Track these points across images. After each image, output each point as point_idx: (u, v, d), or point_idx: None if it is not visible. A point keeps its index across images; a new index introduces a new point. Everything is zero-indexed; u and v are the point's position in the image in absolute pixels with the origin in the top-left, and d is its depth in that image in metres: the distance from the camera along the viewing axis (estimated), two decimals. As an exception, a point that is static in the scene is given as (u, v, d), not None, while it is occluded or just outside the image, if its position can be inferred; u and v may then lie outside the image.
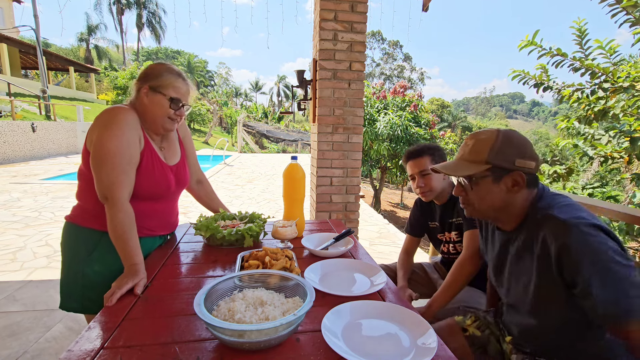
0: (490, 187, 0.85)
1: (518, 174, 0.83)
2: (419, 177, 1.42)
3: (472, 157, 0.87)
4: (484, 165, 0.84)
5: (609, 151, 2.82)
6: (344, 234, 1.34)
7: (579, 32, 2.63)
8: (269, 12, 5.66)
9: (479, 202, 0.88)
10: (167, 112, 1.15)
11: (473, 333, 1.08)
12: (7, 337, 1.90)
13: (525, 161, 0.83)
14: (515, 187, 0.84)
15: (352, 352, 0.68)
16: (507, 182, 0.84)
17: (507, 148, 0.84)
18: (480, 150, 0.85)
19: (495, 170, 0.84)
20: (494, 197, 0.86)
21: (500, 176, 0.84)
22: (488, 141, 0.85)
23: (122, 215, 1.02)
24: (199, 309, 0.68)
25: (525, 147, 0.85)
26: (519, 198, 0.86)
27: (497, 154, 0.83)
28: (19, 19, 18.68)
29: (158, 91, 1.13)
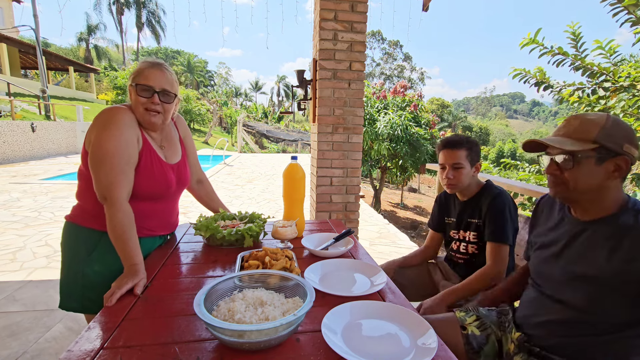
0: (592, 169, 0.82)
1: (623, 158, 0.81)
2: (450, 168, 1.41)
3: (579, 135, 0.83)
4: (591, 145, 0.81)
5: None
6: (344, 234, 1.33)
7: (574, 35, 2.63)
8: (269, 12, 5.66)
9: (574, 183, 0.84)
10: (140, 101, 1.10)
11: (472, 332, 1.08)
12: (7, 337, 1.89)
13: (631, 147, 0.81)
14: (616, 172, 0.82)
15: (352, 352, 0.68)
16: (609, 166, 0.82)
17: (617, 131, 0.81)
18: (589, 130, 0.82)
19: (602, 151, 0.81)
20: (592, 180, 0.82)
21: (604, 158, 0.81)
22: (599, 121, 0.82)
23: (121, 215, 1.02)
24: (199, 309, 0.68)
25: (633, 134, 0.82)
26: (613, 186, 0.83)
27: (608, 135, 0.81)
28: (19, 19, 18.71)
29: (135, 84, 1.11)
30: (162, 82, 1.13)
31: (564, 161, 0.85)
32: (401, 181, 9.16)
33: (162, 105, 1.13)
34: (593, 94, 2.71)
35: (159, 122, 1.15)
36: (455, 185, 1.42)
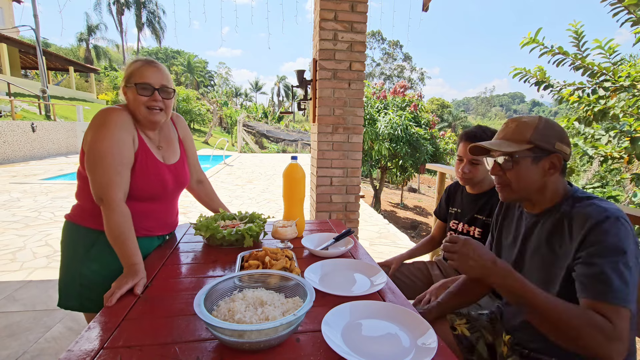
0: (529, 167, 0.88)
1: (556, 156, 0.87)
2: (467, 162, 1.40)
3: (515, 136, 0.89)
4: (526, 145, 0.87)
5: (609, 151, 2.81)
6: (344, 234, 1.33)
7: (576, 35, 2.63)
8: (269, 12, 5.66)
9: (516, 182, 0.90)
10: (141, 100, 1.10)
11: (462, 332, 1.09)
12: (7, 337, 1.89)
13: (563, 145, 0.87)
14: (552, 169, 0.88)
15: (352, 352, 0.68)
16: (545, 164, 0.87)
17: (549, 130, 0.87)
18: (524, 131, 0.88)
19: (537, 150, 0.87)
20: (531, 178, 0.88)
21: (540, 157, 0.87)
22: (532, 123, 0.88)
23: (118, 216, 1.02)
24: (199, 309, 0.68)
25: (564, 133, 0.89)
26: (553, 182, 0.89)
27: (540, 135, 0.86)
28: (19, 19, 18.70)
29: (129, 84, 1.11)
30: (160, 78, 1.13)
31: (504, 162, 0.91)
32: (401, 181, 9.16)
33: (163, 102, 1.14)
34: (593, 93, 2.71)
35: (162, 119, 1.16)
36: (469, 180, 1.42)
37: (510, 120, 0.94)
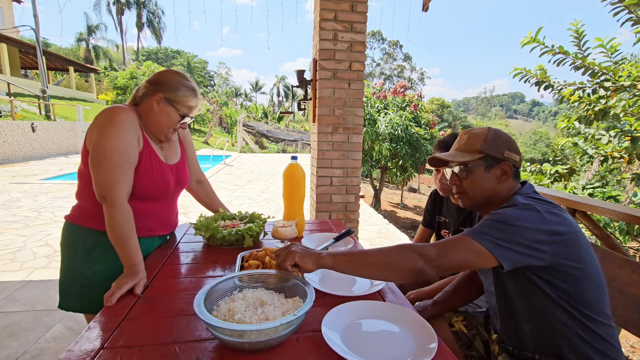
0: (483, 175, 0.94)
1: (506, 163, 0.93)
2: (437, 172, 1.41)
3: (467, 147, 0.96)
4: (478, 155, 0.94)
5: (609, 150, 2.81)
6: (344, 234, 1.33)
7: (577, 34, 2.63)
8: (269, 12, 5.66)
9: (472, 190, 0.96)
10: (174, 125, 1.17)
11: (459, 329, 1.10)
12: (7, 337, 1.90)
13: (511, 153, 0.94)
14: (504, 176, 0.94)
15: (352, 353, 0.68)
16: (496, 171, 0.94)
17: (497, 140, 0.94)
18: (475, 142, 0.95)
19: (488, 159, 0.93)
20: (485, 185, 0.94)
21: (491, 165, 0.94)
22: (481, 134, 0.95)
23: (121, 215, 1.02)
24: (199, 309, 0.68)
25: (512, 142, 0.96)
26: (505, 188, 0.95)
27: (490, 145, 0.93)
28: (19, 19, 18.69)
29: (172, 104, 1.14)
30: (197, 111, 1.22)
31: (460, 171, 0.97)
32: (401, 181, 9.16)
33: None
34: (593, 93, 2.71)
35: (173, 138, 1.25)
36: (448, 191, 1.41)
37: (463, 132, 1.01)
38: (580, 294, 0.83)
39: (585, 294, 0.83)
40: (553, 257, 0.80)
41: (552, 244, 0.80)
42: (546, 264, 0.81)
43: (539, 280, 0.83)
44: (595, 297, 0.85)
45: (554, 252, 0.80)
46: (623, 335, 3.02)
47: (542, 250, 0.79)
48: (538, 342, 0.89)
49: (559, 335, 0.85)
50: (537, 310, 0.87)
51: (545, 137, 41.61)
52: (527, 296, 0.87)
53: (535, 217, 0.81)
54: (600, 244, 1.67)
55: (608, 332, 0.85)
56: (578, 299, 0.83)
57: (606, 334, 0.84)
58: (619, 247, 1.68)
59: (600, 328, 0.84)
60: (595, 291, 0.85)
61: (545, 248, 0.79)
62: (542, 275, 0.83)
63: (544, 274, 0.83)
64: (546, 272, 0.82)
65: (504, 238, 0.79)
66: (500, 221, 0.81)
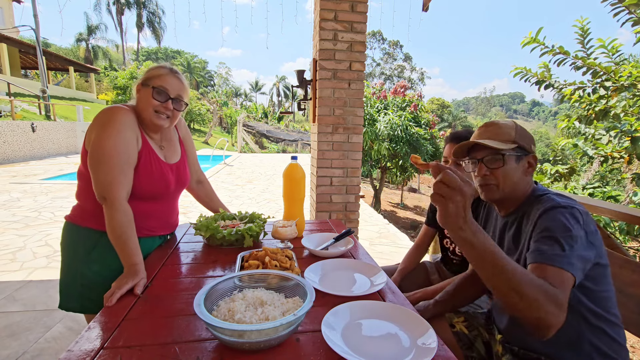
0: (514, 166, 0.92)
1: (533, 157, 0.93)
2: (453, 164, 1.37)
3: (501, 137, 0.92)
4: (512, 144, 0.91)
5: (609, 151, 2.81)
6: (344, 234, 1.33)
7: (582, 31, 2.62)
8: (269, 12, 5.66)
9: (503, 180, 0.92)
10: (152, 104, 1.12)
11: (460, 330, 1.10)
12: (7, 337, 1.89)
13: (534, 148, 0.94)
14: (530, 168, 0.93)
15: (352, 352, 0.68)
16: (524, 163, 0.93)
17: (525, 133, 0.94)
18: (508, 132, 0.93)
19: (519, 150, 0.92)
20: (515, 176, 0.92)
21: (521, 156, 0.92)
22: (512, 125, 0.94)
23: (120, 215, 1.02)
24: (199, 309, 0.68)
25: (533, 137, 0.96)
26: (527, 182, 0.94)
27: (521, 136, 0.93)
28: (19, 19, 18.69)
29: (145, 84, 1.13)
30: (179, 89, 1.17)
31: (492, 161, 0.92)
32: (401, 181, 9.15)
33: (172, 111, 1.17)
34: (594, 93, 2.71)
35: (165, 124, 1.18)
36: None
37: (490, 123, 0.97)
38: (599, 293, 0.82)
39: (603, 293, 0.83)
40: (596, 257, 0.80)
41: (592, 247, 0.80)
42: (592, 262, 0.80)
43: None
44: (611, 297, 0.85)
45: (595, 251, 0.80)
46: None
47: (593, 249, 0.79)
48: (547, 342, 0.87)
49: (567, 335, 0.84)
50: None
51: (545, 137, 41.60)
52: None
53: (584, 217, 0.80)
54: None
55: (617, 332, 0.85)
56: (596, 297, 0.82)
57: (615, 332, 0.84)
58: (619, 247, 1.68)
59: (610, 328, 0.84)
60: (610, 290, 0.85)
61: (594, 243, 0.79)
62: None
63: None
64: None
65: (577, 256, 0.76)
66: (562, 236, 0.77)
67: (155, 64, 1.19)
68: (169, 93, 1.14)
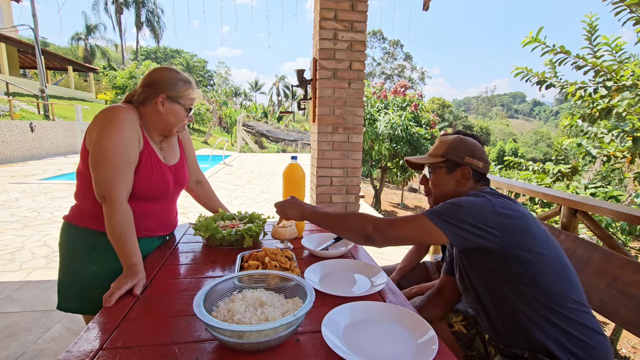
0: (445, 177, 1.06)
1: (466, 168, 1.03)
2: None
3: (434, 152, 1.09)
4: (441, 158, 1.06)
5: (612, 150, 2.81)
6: (344, 233, 1.33)
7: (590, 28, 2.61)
8: (269, 11, 5.65)
9: (435, 189, 1.08)
10: (183, 120, 1.19)
11: (459, 330, 1.11)
12: (6, 337, 1.89)
13: (473, 159, 1.03)
14: (463, 179, 1.04)
15: (352, 353, 0.68)
16: (457, 174, 1.05)
17: (460, 147, 1.05)
18: (440, 147, 1.08)
19: (449, 163, 1.05)
20: (446, 186, 1.06)
21: (452, 168, 1.05)
22: (447, 142, 1.07)
23: (120, 215, 1.01)
24: (199, 309, 0.68)
25: (475, 150, 1.05)
26: (466, 190, 1.03)
27: (452, 151, 1.05)
28: (18, 18, 18.57)
29: (176, 101, 1.15)
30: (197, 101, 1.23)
31: (427, 172, 1.11)
32: (401, 181, 9.16)
33: None
34: (595, 92, 2.70)
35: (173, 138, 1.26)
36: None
37: (437, 139, 1.14)
38: (536, 279, 0.85)
39: (541, 279, 0.85)
40: (504, 241, 0.85)
41: (501, 226, 0.85)
42: (497, 248, 0.85)
43: (495, 266, 0.87)
44: (557, 284, 0.86)
45: (504, 236, 0.84)
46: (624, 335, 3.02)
47: (490, 232, 0.84)
48: (513, 335, 0.90)
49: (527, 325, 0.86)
50: (500, 300, 0.90)
51: (547, 136, 41.63)
52: (488, 285, 0.92)
53: (483, 201, 0.88)
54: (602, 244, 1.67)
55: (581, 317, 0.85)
56: (535, 285, 0.85)
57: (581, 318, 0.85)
58: (621, 247, 1.68)
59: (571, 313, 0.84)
60: (555, 277, 0.86)
61: (493, 231, 0.84)
62: (498, 261, 0.87)
63: (499, 259, 0.86)
64: (501, 258, 0.86)
65: (453, 216, 0.86)
66: (451, 203, 0.90)
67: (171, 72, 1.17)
68: (193, 107, 1.22)
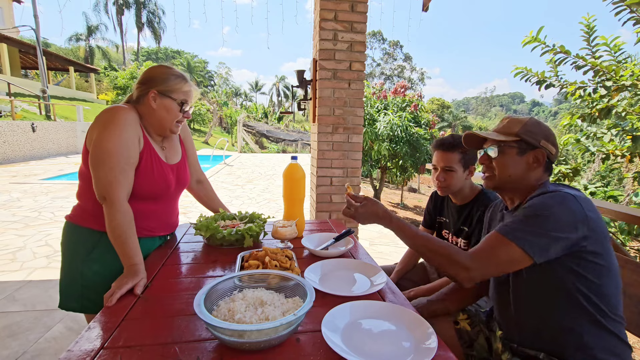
0: (515, 158, 0.95)
1: (540, 151, 0.94)
2: (442, 170, 1.40)
3: (505, 130, 0.98)
4: (514, 137, 0.95)
5: (611, 148, 2.80)
6: (344, 234, 1.33)
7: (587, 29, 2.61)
8: (269, 12, 5.66)
9: (500, 170, 0.97)
10: (177, 116, 1.17)
11: (463, 327, 1.11)
12: (7, 337, 1.89)
13: (548, 144, 0.95)
14: (535, 163, 0.95)
15: (352, 352, 0.68)
16: (529, 157, 0.95)
17: (536, 128, 0.96)
18: (513, 126, 0.97)
19: (522, 143, 0.95)
20: (515, 168, 0.96)
21: (525, 150, 0.95)
22: (522, 120, 0.98)
23: (120, 215, 1.02)
24: (199, 309, 0.68)
25: (550, 134, 0.97)
26: (534, 177, 0.96)
27: (527, 131, 0.95)
28: (19, 19, 18.68)
29: (167, 96, 1.14)
30: (195, 97, 1.22)
31: (492, 151, 0.99)
32: (401, 181, 9.14)
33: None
34: (594, 92, 2.70)
35: (179, 131, 1.23)
36: (446, 188, 1.42)
37: (505, 117, 1.03)
38: (601, 288, 0.83)
39: (605, 289, 0.83)
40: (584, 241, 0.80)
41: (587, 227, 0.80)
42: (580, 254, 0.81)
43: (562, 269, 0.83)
44: (614, 294, 0.85)
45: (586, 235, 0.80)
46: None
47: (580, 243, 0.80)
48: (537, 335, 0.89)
49: (561, 329, 0.85)
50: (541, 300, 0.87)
51: (546, 137, 41.38)
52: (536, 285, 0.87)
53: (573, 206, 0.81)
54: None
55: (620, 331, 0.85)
56: (599, 292, 0.83)
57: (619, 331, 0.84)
58: (620, 247, 1.68)
59: (613, 326, 0.84)
60: (614, 288, 0.85)
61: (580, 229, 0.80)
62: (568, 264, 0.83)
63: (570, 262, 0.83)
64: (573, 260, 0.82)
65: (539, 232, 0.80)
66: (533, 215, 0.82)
67: (163, 68, 1.17)
68: (190, 104, 1.19)
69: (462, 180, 1.41)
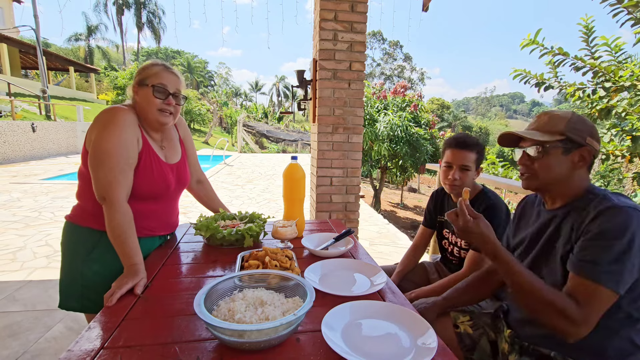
0: (560, 158, 0.89)
1: (587, 149, 0.88)
2: (458, 169, 1.38)
3: (548, 128, 0.91)
4: (559, 136, 0.88)
5: (611, 149, 2.80)
6: (344, 234, 1.33)
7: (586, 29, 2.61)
8: (269, 12, 5.67)
9: (544, 172, 0.91)
10: (155, 103, 1.13)
11: (464, 330, 1.09)
12: (7, 337, 1.90)
13: (593, 141, 0.88)
14: (581, 162, 0.89)
15: (352, 352, 0.68)
16: (574, 156, 0.89)
17: (581, 125, 0.89)
18: (557, 123, 0.90)
19: (568, 142, 0.88)
20: (560, 169, 0.89)
21: (570, 149, 0.88)
22: (565, 116, 0.90)
23: (120, 215, 1.02)
24: (199, 309, 0.68)
25: (595, 130, 0.90)
26: (578, 176, 0.90)
27: (573, 128, 0.88)
28: (19, 19, 18.70)
29: (143, 84, 1.13)
30: (176, 83, 1.17)
31: (534, 152, 0.92)
32: (401, 181, 9.14)
33: (174, 107, 1.18)
34: (593, 94, 2.70)
35: (170, 121, 1.19)
36: (458, 187, 1.41)
37: (543, 113, 0.96)
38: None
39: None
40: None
41: None
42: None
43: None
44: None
45: None
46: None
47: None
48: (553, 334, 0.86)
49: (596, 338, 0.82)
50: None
51: (546, 137, 41.38)
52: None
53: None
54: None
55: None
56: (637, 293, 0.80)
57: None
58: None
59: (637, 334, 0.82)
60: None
61: None
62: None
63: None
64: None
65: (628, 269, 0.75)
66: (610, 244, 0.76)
67: (147, 62, 1.19)
68: (168, 89, 1.15)
69: (472, 179, 1.40)
